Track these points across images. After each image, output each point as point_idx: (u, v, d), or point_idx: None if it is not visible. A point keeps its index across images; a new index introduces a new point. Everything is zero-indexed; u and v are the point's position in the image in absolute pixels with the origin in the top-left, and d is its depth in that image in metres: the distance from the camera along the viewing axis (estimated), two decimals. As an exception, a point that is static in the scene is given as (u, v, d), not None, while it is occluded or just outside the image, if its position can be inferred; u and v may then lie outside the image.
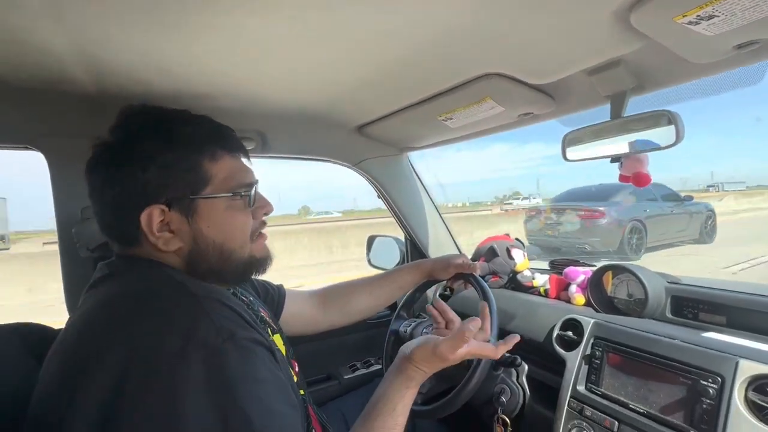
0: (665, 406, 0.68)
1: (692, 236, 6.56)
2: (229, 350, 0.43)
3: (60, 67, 0.70)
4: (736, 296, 0.81)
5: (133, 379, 0.40)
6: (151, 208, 0.50)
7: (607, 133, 0.74)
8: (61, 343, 0.48)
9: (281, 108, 1.00)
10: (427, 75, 0.79)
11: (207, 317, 0.45)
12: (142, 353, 0.41)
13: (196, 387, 0.40)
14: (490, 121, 0.97)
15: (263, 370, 0.46)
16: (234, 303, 0.52)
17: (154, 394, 0.39)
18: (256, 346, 0.47)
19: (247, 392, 0.42)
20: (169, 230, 0.52)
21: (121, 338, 0.43)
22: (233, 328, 0.46)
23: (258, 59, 0.71)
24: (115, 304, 0.48)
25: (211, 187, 0.54)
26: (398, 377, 0.61)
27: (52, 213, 0.86)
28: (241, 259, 0.57)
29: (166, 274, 0.52)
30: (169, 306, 0.46)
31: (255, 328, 0.51)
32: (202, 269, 0.54)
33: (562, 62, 0.68)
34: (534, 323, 0.99)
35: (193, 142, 0.54)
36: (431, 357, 0.61)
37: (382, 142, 1.26)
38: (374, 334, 1.34)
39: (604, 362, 0.79)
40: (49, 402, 0.43)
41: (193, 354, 0.41)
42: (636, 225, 5.74)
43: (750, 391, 0.60)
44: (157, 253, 0.53)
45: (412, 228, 1.39)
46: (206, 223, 0.53)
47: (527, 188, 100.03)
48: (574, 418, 0.78)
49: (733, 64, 0.62)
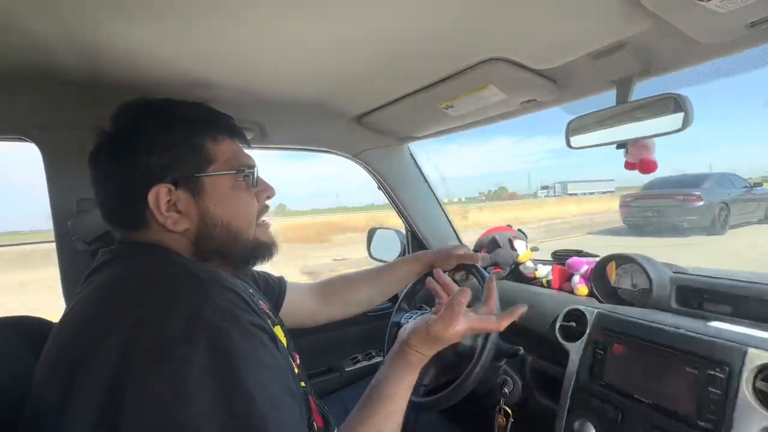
0: (671, 396, 0.66)
1: (759, 217, 8.26)
2: (234, 333, 0.43)
3: (52, 56, 0.68)
4: (742, 285, 0.79)
5: (137, 362, 0.39)
6: (158, 187, 0.51)
7: (612, 119, 0.72)
8: (61, 329, 0.47)
9: (279, 98, 0.98)
10: (427, 61, 0.77)
11: (211, 300, 0.44)
12: (146, 336, 0.41)
13: (201, 369, 0.39)
14: (492, 109, 0.95)
15: (266, 354, 0.45)
16: (238, 287, 0.51)
17: (159, 377, 0.39)
18: (259, 331, 0.47)
19: (252, 375, 0.41)
20: (176, 210, 0.52)
21: (124, 321, 0.42)
22: (237, 311, 0.45)
23: (255, 48, 0.69)
24: (118, 286, 0.47)
25: (215, 167, 0.55)
26: (397, 362, 0.61)
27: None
28: (247, 240, 0.58)
29: (169, 257, 0.52)
30: (173, 289, 0.45)
31: (258, 314, 0.50)
32: (210, 250, 0.55)
33: (568, 45, 0.66)
34: (537, 314, 0.98)
35: (195, 124, 0.55)
36: (426, 338, 0.60)
37: (381, 132, 1.24)
38: (375, 326, 1.34)
39: (607, 353, 0.78)
40: (49, 389, 0.43)
41: (198, 337, 0.41)
42: (723, 206, 7.29)
43: (758, 381, 0.59)
44: (165, 235, 0.53)
45: (412, 219, 1.38)
46: (213, 201, 0.54)
47: (514, 184, 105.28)
48: (577, 408, 0.78)
49: (745, 44, 0.60)
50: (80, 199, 0.84)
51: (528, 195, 56.73)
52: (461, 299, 0.59)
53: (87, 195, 0.85)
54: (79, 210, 0.84)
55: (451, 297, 0.60)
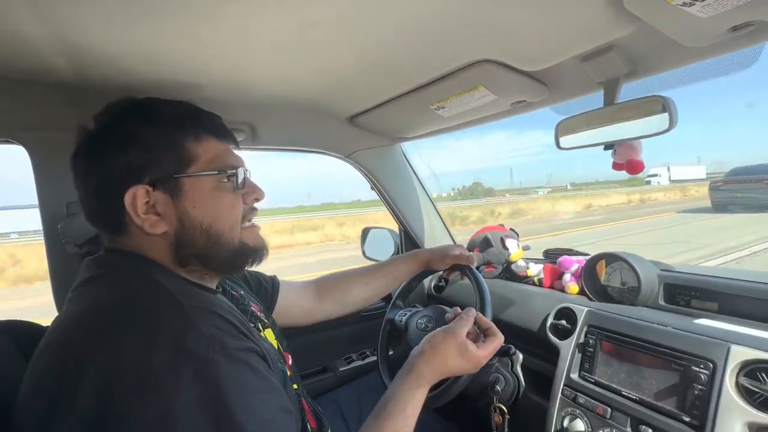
0: (657, 392, 0.68)
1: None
2: (221, 361, 0.42)
3: (39, 57, 0.68)
4: (728, 283, 0.81)
5: (120, 393, 0.38)
6: (135, 189, 0.49)
7: (600, 119, 0.73)
8: (47, 344, 0.46)
9: (271, 98, 0.98)
10: (418, 62, 0.77)
11: (194, 328, 0.43)
12: (129, 366, 0.40)
13: (189, 400, 0.39)
14: (483, 109, 0.95)
15: (256, 379, 0.45)
16: (224, 311, 0.50)
17: (145, 409, 0.38)
18: (248, 355, 0.46)
19: (241, 403, 0.41)
20: (155, 212, 0.51)
21: (106, 350, 0.41)
22: (223, 337, 0.44)
23: (246, 48, 0.69)
24: (100, 310, 0.46)
25: (196, 167, 0.53)
26: (409, 376, 0.61)
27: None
28: (231, 244, 0.55)
29: (152, 277, 0.50)
30: (153, 317, 0.44)
31: (246, 335, 0.49)
32: (189, 254, 0.53)
33: (555, 48, 0.67)
34: (528, 312, 0.99)
35: (175, 122, 0.54)
36: (443, 339, 0.64)
37: (374, 132, 1.25)
38: (369, 326, 1.34)
39: (597, 350, 0.79)
40: (34, 407, 0.42)
41: (184, 367, 0.40)
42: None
43: (741, 377, 0.60)
44: (144, 239, 0.52)
45: (405, 219, 1.39)
46: (192, 203, 0.52)
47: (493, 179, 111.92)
48: (567, 405, 0.79)
49: (727, 48, 0.61)
50: (70, 202, 0.84)
51: (561, 187, 55.85)
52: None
53: (76, 198, 0.84)
54: (69, 213, 0.83)
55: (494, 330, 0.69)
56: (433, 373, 0.61)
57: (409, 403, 0.57)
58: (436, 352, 0.63)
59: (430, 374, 0.61)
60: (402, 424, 0.55)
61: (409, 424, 0.56)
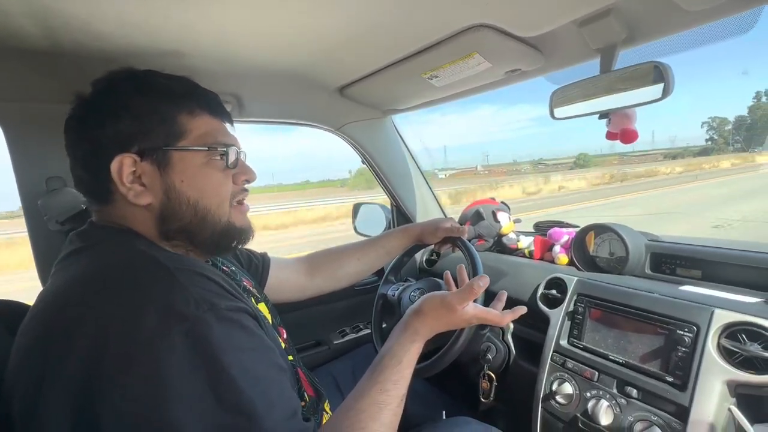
0: (643, 355, 0.71)
1: None
2: (211, 321, 0.42)
3: (8, 22, 0.63)
4: (711, 251, 0.83)
5: (110, 359, 0.38)
6: (122, 157, 0.49)
7: (596, 87, 0.72)
8: (32, 318, 0.45)
9: (257, 68, 0.94)
10: (411, 28, 0.74)
11: (182, 289, 0.43)
12: (118, 331, 0.39)
13: (181, 360, 0.39)
14: (477, 78, 0.93)
15: (247, 337, 0.45)
16: (211, 272, 0.50)
17: (136, 373, 0.38)
18: (239, 314, 0.46)
19: (234, 361, 0.41)
20: (140, 183, 0.50)
21: (93, 316, 0.40)
22: (212, 298, 0.44)
23: (230, 15, 0.65)
24: (86, 281, 0.45)
25: (186, 141, 0.53)
26: (404, 332, 0.61)
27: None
28: (217, 222, 0.55)
29: (136, 247, 0.49)
30: (141, 281, 0.44)
31: (235, 296, 0.49)
32: (175, 228, 0.52)
33: (554, 11, 0.64)
34: (519, 283, 1.01)
35: (170, 95, 0.53)
36: (439, 307, 0.62)
37: (364, 104, 1.21)
38: (362, 300, 1.35)
39: (586, 317, 0.81)
40: (22, 378, 0.41)
41: (174, 328, 0.40)
42: None
43: (722, 338, 0.63)
44: (129, 210, 0.51)
45: (397, 193, 1.38)
46: (180, 177, 0.52)
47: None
48: (556, 370, 0.82)
49: (727, 11, 0.60)
50: (49, 177, 0.80)
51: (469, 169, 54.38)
52: (481, 283, 0.61)
53: (56, 173, 0.81)
54: (48, 189, 0.80)
55: (474, 279, 0.62)
56: (427, 327, 0.62)
57: (405, 356, 0.58)
58: (431, 309, 0.63)
59: (424, 329, 0.61)
60: (398, 376, 0.55)
61: (405, 375, 0.56)
